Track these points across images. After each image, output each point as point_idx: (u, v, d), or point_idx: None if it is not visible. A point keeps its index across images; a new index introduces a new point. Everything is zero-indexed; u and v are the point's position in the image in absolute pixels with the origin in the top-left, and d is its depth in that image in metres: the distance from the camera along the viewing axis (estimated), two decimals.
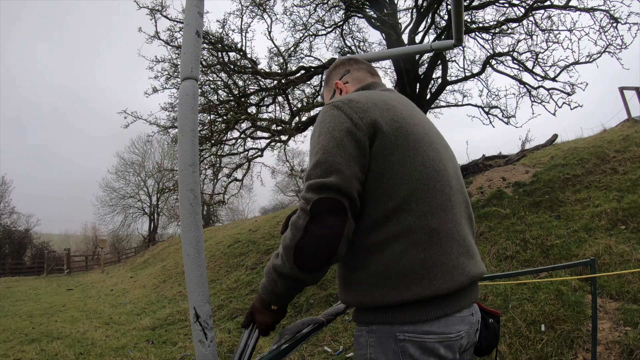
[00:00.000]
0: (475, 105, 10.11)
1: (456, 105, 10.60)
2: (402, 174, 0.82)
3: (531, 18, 8.17)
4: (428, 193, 0.83)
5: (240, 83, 8.96)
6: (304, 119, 8.96)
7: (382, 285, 0.81)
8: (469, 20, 8.99)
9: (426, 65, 9.42)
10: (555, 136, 9.44)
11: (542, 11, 8.13)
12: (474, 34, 9.08)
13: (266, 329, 0.87)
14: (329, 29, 9.40)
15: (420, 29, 8.85)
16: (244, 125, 8.96)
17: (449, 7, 7.32)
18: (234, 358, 0.89)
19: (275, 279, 0.82)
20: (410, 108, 0.97)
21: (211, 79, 8.80)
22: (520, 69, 8.99)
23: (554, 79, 8.48)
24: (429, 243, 0.81)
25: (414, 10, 9.05)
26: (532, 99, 9.05)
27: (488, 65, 9.13)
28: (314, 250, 0.77)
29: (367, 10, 8.79)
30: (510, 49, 8.83)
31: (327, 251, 0.77)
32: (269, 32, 8.60)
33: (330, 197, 0.76)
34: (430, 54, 8.74)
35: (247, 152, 9.26)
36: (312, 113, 9.02)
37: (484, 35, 9.15)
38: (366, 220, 0.83)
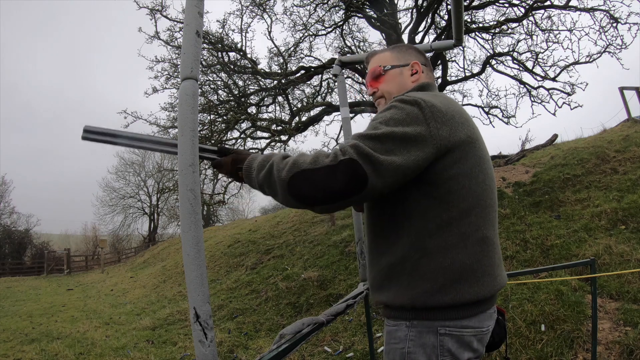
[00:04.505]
0: (475, 105, 10.12)
1: None
2: (468, 188, 0.87)
3: (531, 18, 8.17)
4: (485, 209, 0.90)
5: (240, 83, 8.98)
6: (304, 119, 8.96)
7: (434, 290, 0.85)
8: (469, 20, 8.99)
9: None
10: (555, 136, 9.44)
11: (542, 11, 8.14)
12: (474, 34, 9.09)
13: (218, 171, 0.97)
14: (329, 29, 9.40)
15: (420, 29, 8.86)
16: (244, 125, 8.97)
17: (449, 7, 7.32)
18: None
19: (266, 177, 0.83)
20: (470, 118, 0.99)
21: (211, 79, 8.82)
22: (520, 69, 9.00)
23: (554, 79, 8.49)
24: (482, 254, 0.87)
25: (414, 10, 9.05)
26: (532, 99, 9.06)
27: (488, 65, 9.13)
28: (312, 188, 0.76)
29: (367, 10, 8.79)
30: (510, 49, 8.84)
31: (321, 198, 0.77)
32: (269, 32, 8.62)
33: (365, 170, 0.75)
34: (430, 54, 8.73)
35: None
36: (312, 113, 9.02)
37: (484, 35, 9.15)
38: (429, 225, 0.86)
